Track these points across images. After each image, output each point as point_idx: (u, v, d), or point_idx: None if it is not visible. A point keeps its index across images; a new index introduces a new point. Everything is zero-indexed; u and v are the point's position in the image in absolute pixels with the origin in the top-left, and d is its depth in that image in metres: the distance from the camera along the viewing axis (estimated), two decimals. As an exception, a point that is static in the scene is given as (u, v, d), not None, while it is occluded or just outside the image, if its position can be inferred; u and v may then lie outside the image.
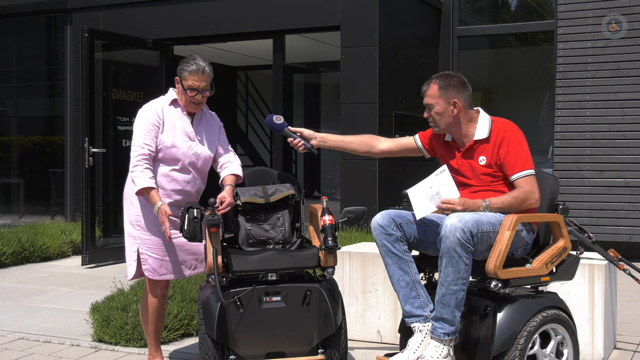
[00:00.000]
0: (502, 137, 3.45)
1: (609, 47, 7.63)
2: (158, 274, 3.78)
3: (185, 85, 3.73)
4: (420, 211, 3.43)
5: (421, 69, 8.43)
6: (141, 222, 3.77)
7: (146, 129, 3.71)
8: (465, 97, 3.53)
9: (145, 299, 3.91)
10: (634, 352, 4.44)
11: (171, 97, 3.83)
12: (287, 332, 3.50)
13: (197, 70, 3.70)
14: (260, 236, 3.68)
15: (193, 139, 3.81)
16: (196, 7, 8.45)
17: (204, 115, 3.94)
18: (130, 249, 3.82)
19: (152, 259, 3.77)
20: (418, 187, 3.48)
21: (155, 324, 3.91)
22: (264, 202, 3.69)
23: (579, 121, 7.75)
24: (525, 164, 3.41)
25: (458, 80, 3.54)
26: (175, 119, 3.79)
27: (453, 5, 8.82)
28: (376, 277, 4.60)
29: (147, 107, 3.80)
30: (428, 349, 3.28)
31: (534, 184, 3.40)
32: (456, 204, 3.29)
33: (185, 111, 3.83)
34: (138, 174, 3.64)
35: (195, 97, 3.74)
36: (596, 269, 4.18)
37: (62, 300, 5.90)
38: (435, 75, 3.60)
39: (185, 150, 3.76)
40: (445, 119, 3.53)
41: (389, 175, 7.62)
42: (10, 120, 10.36)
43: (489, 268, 3.22)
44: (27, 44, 10.15)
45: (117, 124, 8.30)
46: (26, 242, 7.69)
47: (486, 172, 3.48)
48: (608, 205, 7.61)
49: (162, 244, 3.76)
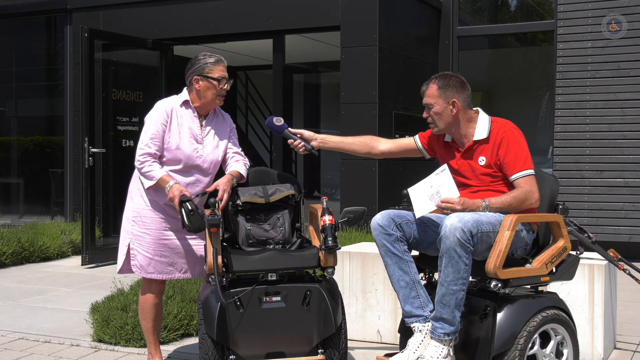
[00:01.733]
0: (501, 137, 3.45)
1: (609, 47, 7.63)
2: (145, 271, 3.80)
3: (214, 77, 3.74)
4: (420, 210, 3.44)
5: (421, 69, 8.43)
6: (137, 218, 3.79)
7: (154, 127, 3.73)
8: (464, 97, 3.54)
9: (143, 295, 3.92)
10: (633, 352, 4.44)
11: (183, 98, 3.83)
12: (287, 332, 3.50)
13: (219, 61, 3.77)
14: (260, 236, 3.68)
15: (200, 142, 3.80)
16: (196, 7, 8.45)
17: (217, 116, 3.94)
18: (122, 242, 3.86)
19: (141, 255, 3.79)
20: (418, 186, 3.49)
21: (153, 321, 3.91)
22: (264, 202, 3.69)
23: (578, 121, 7.75)
24: (524, 164, 3.41)
25: (457, 81, 3.55)
26: (183, 121, 3.79)
27: (453, 5, 8.82)
28: (376, 277, 4.60)
29: (159, 104, 3.82)
30: (428, 349, 3.28)
31: (534, 184, 3.40)
32: (455, 204, 3.29)
33: (195, 112, 3.83)
34: (148, 169, 3.67)
35: (223, 88, 3.78)
36: (596, 269, 4.18)
37: (62, 300, 5.90)
38: (434, 76, 3.61)
39: (190, 152, 3.76)
40: (444, 118, 3.54)
41: (389, 175, 7.62)
42: (10, 120, 10.36)
43: (489, 268, 3.22)
44: (27, 44, 10.15)
45: (117, 124, 8.30)
46: (26, 242, 7.69)
47: (486, 173, 3.48)
48: (608, 205, 7.61)
49: (153, 243, 3.77)
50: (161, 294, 3.94)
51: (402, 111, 7.95)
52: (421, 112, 3.69)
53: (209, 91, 3.77)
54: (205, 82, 3.75)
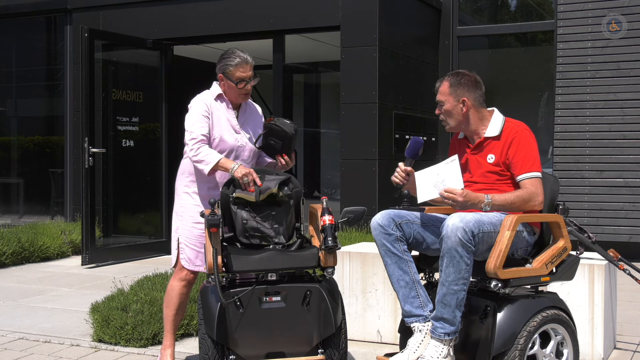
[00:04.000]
0: (513, 137, 3.47)
1: (609, 47, 7.63)
2: (193, 264, 3.92)
3: (234, 78, 3.85)
4: (422, 195, 3.44)
5: (421, 69, 8.42)
6: (184, 213, 3.92)
7: (199, 119, 3.83)
8: (476, 96, 3.56)
9: (172, 282, 3.99)
10: (633, 352, 4.44)
11: (216, 92, 3.95)
12: (287, 332, 3.50)
13: (243, 62, 3.87)
14: (255, 231, 3.66)
15: (238, 132, 3.94)
16: (196, 7, 8.45)
17: (248, 106, 4.08)
18: (173, 238, 3.98)
19: (188, 249, 3.91)
20: (425, 171, 3.49)
21: (175, 309, 3.98)
22: (254, 200, 3.66)
23: (578, 121, 7.75)
24: (533, 165, 3.43)
25: (469, 79, 3.57)
26: (221, 113, 3.92)
27: (453, 5, 8.82)
28: (376, 277, 4.60)
29: (197, 99, 3.93)
30: (428, 349, 3.28)
31: (539, 187, 3.41)
32: (458, 195, 3.28)
33: (230, 105, 3.96)
34: (205, 153, 3.74)
35: (245, 88, 3.89)
36: (596, 269, 4.18)
37: (62, 300, 5.90)
38: (448, 73, 3.65)
39: (233, 142, 3.89)
40: (454, 116, 3.56)
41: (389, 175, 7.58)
42: (10, 120, 10.36)
43: (489, 268, 3.22)
44: (27, 44, 10.15)
45: (117, 124, 8.30)
46: (26, 242, 7.69)
47: (493, 170, 3.49)
48: (608, 205, 7.61)
49: (199, 236, 3.88)
50: (190, 284, 4.01)
51: (402, 111, 7.95)
52: (421, 112, 3.70)
53: (230, 90, 3.93)
54: (227, 81, 3.89)
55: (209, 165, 3.71)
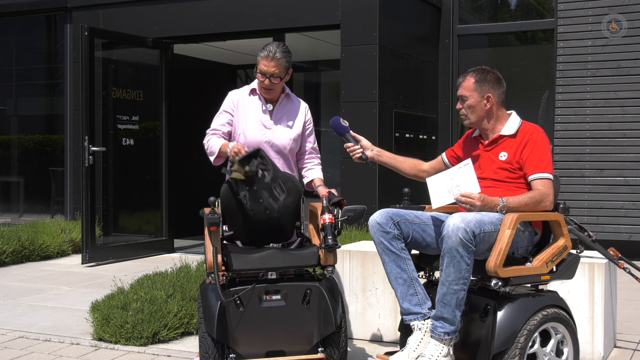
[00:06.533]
0: (528, 138, 3.49)
1: (609, 45, 7.63)
2: None
3: (257, 69, 3.90)
4: (436, 201, 3.44)
5: (421, 67, 8.42)
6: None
7: (220, 114, 3.97)
8: (499, 93, 3.58)
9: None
10: (634, 351, 4.44)
11: (252, 87, 4.02)
12: (287, 330, 3.50)
13: (267, 56, 3.87)
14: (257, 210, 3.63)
15: (269, 127, 3.93)
16: (196, 6, 8.44)
17: (290, 103, 4.06)
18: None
19: None
20: (438, 177, 3.49)
21: None
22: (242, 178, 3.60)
23: (579, 120, 7.75)
24: (546, 167, 3.45)
25: (494, 76, 3.59)
26: (251, 108, 3.94)
27: (453, 4, 8.81)
28: (376, 276, 4.60)
29: (229, 94, 4.03)
30: (428, 348, 3.28)
31: (551, 188, 3.43)
32: (475, 199, 3.28)
33: (262, 99, 3.97)
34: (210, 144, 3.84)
35: (263, 82, 3.88)
36: (596, 268, 4.18)
37: (62, 298, 5.90)
38: (472, 69, 3.65)
39: (258, 138, 3.89)
40: (477, 112, 3.57)
41: (389, 175, 7.59)
42: (10, 119, 10.35)
43: (489, 266, 3.22)
44: (27, 43, 10.14)
45: (117, 123, 8.30)
46: (26, 241, 7.69)
47: (504, 167, 3.50)
48: (608, 204, 7.61)
49: None
50: None
51: (402, 110, 7.94)
52: (420, 111, 3.69)
53: (257, 82, 3.96)
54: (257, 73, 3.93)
55: (214, 154, 3.81)
